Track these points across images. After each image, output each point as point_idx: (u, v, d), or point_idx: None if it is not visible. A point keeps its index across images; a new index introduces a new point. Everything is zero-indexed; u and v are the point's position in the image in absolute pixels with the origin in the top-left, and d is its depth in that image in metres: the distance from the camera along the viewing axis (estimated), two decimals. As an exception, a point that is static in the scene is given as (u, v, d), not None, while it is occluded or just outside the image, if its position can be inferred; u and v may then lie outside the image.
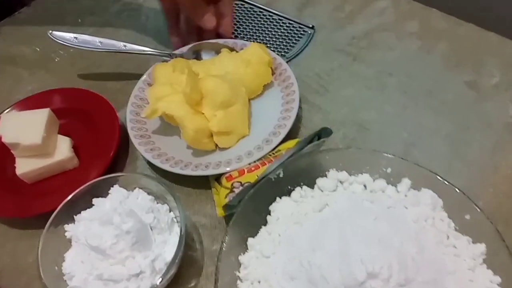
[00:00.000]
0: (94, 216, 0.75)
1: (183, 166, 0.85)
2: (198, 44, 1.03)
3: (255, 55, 0.92)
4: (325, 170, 0.77)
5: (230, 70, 0.91)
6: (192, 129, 0.83)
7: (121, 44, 1.01)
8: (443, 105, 0.95)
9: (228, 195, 0.75)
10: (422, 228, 0.69)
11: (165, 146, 0.89)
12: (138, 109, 0.95)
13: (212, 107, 0.87)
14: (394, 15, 1.13)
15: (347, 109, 0.97)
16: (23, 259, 0.83)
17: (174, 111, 0.84)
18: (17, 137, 0.88)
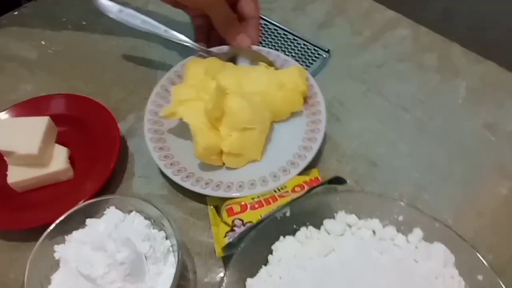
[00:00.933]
0: (86, 238, 0.71)
1: (194, 181, 0.82)
2: (238, 49, 0.98)
3: (291, 80, 0.88)
4: (333, 212, 0.73)
5: (261, 90, 0.87)
6: (202, 146, 0.81)
7: (163, 29, 0.97)
8: (458, 147, 0.91)
9: (228, 234, 0.72)
10: (433, 286, 0.65)
11: (177, 149, 0.87)
12: (161, 100, 0.93)
13: (230, 127, 0.84)
14: (413, 45, 1.09)
15: (358, 142, 0.93)
16: (4, 273, 0.80)
17: (191, 120, 0.81)
18: (13, 145, 0.84)
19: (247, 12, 0.95)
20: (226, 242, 0.71)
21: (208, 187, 0.82)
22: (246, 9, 0.94)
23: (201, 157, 0.83)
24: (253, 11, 0.95)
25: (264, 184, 0.82)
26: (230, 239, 0.71)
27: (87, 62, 1.11)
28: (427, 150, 0.91)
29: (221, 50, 0.97)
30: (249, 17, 0.95)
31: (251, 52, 0.99)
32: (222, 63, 0.93)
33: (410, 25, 1.13)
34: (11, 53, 1.15)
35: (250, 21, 0.96)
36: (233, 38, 0.95)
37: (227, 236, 0.72)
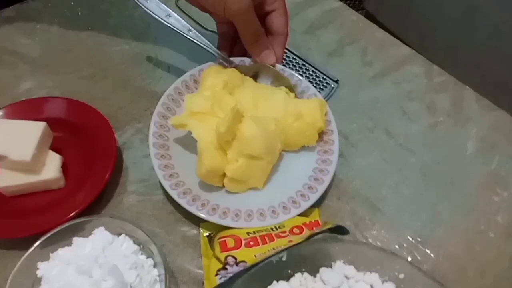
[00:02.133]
0: (72, 259, 0.69)
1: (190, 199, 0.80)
2: (261, 65, 0.95)
3: (310, 113, 0.85)
4: (331, 260, 0.71)
5: (277, 116, 0.85)
6: (206, 167, 0.78)
7: (187, 28, 0.93)
8: (463, 198, 0.89)
9: (219, 272, 0.70)
10: None
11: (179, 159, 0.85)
12: (172, 103, 0.90)
13: (238, 152, 0.80)
14: (425, 84, 1.06)
15: (360, 181, 0.90)
16: None
17: (200, 137, 0.79)
18: (6, 149, 0.82)
19: (276, 28, 0.91)
20: (217, 282, 0.68)
21: (203, 209, 0.79)
22: (276, 24, 0.91)
23: (203, 177, 0.81)
24: (282, 27, 0.91)
25: (262, 218, 0.79)
26: (222, 278, 0.69)
27: (90, 64, 1.09)
28: (431, 197, 0.89)
29: (243, 62, 0.93)
30: (277, 33, 0.91)
31: (274, 71, 0.95)
32: (242, 77, 0.90)
33: (424, 63, 1.10)
34: (14, 47, 1.12)
35: (277, 37, 0.91)
36: (258, 53, 0.91)
37: (218, 274, 0.70)
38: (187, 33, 0.93)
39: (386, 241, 0.82)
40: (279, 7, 0.89)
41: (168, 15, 0.93)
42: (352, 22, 1.18)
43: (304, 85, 0.96)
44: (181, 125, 0.82)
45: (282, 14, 0.90)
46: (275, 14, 0.89)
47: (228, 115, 0.79)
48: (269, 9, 0.89)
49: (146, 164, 0.91)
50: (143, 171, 0.90)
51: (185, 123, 0.82)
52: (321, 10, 1.21)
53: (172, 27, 0.92)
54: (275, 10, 0.89)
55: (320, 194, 0.82)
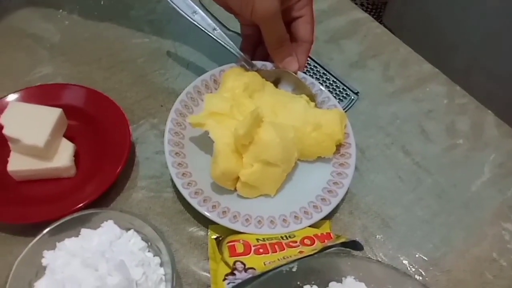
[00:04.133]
0: (78, 251, 0.68)
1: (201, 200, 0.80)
2: (283, 71, 0.93)
3: (329, 124, 0.84)
4: (341, 275, 0.69)
5: (296, 125, 0.83)
6: (221, 169, 0.77)
7: (213, 27, 0.93)
8: (477, 224, 0.87)
9: (227, 277, 0.69)
10: None
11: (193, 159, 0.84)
12: (190, 102, 0.89)
13: (254, 156, 0.80)
14: (446, 104, 1.05)
15: (373, 196, 0.89)
16: None
17: (217, 138, 0.77)
18: (20, 133, 0.81)
19: (301, 35, 0.89)
20: (225, 287, 0.67)
21: (214, 211, 0.78)
22: (302, 31, 0.89)
23: (216, 178, 0.80)
24: (308, 34, 0.89)
25: (272, 226, 0.79)
26: (230, 284, 0.68)
27: (109, 55, 1.08)
28: (444, 220, 0.88)
29: (264, 67, 0.92)
30: (302, 40, 0.90)
31: (295, 78, 0.94)
32: (263, 82, 0.89)
33: (446, 82, 1.09)
34: (34, 32, 1.11)
35: (302, 44, 0.90)
36: (281, 59, 0.90)
37: (226, 279, 0.69)
38: (212, 32, 0.92)
39: (395, 260, 0.81)
40: (306, 14, 0.88)
41: (194, 12, 0.92)
42: (376, 35, 1.18)
43: (325, 96, 0.95)
44: (198, 124, 0.81)
45: (308, 21, 0.89)
46: (302, 20, 0.88)
47: (248, 118, 0.78)
48: (296, 15, 0.88)
49: (158, 161, 0.91)
50: (155, 167, 0.90)
51: (203, 122, 0.81)
52: (346, 20, 1.20)
53: (197, 24, 0.92)
54: (302, 17, 0.88)
55: (333, 206, 0.81)
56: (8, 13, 1.14)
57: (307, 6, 0.87)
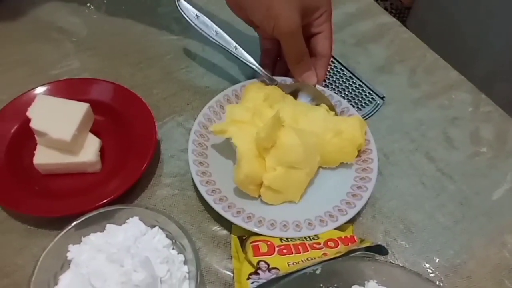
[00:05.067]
0: (103, 246, 0.69)
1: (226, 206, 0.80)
2: (302, 84, 0.96)
3: (350, 130, 0.85)
4: (364, 279, 0.70)
5: (316, 132, 0.85)
6: (245, 173, 0.78)
7: (233, 45, 0.95)
8: (498, 232, 0.88)
9: (251, 276, 0.70)
10: None
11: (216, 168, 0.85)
12: (212, 115, 0.91)
13: (276, 160, 0.81)
14: (471, 112, 1.05)
15: (397, 201, 0.90)
16: (12, 259, 0.78)
17: (239, 143, 0.78)
18: (47, 127, 0.82)
19: (320, 50, 0.92)
20: (249, 286, 0.68)
21: (239, 217, 0.79)
22: (320, 46, 0.92)
23: (240, 183, 0.81)
24: (326, 49, 0.92)
25: (297, 229, 0.79)
26: (254, 283, 0.68)
27: (136, 51, 1.09)
28: (466, 227, 0.88)
29: (284, 81, 0.94)
30: (320, 55, 0.92)
31: (314, 90, 0.95)
32: (283, 94, 0.91)
33: (472, 90, 1.09)
34: (62, 25, 1.13)
35: (320, 59, 0.93)
36: (300, 73, 0.92)
37: (250, 278, 0.70)
38: (233, 50, 0.95)
39: (416, 265, 0.82)
40: (325, 30, 0.91)
41: (216, 32, 0.96)
42: (404, 40, 1.18)
43: (344, 106, 0.96)
44: (221, 131, 0.83)
45: (327, 37, 0.91)
46: (321, 36, 0.91)
47: (269, 121, 0.79)
48: (315, 31, 0.91)
49: (183, 159, 0.91)
50: (179, 165, 0.91)
51: (225, 129, 0.82)
52: (373, 24, 1.20)
53: (219, 43, 0.95)
54: (321, 33, 0.91)
55: (358, 209, 0.82)
56: (35, 6, 1.16)
57: (326, 23, 0.90)
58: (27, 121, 0.84)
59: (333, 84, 1.07)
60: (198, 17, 0.96)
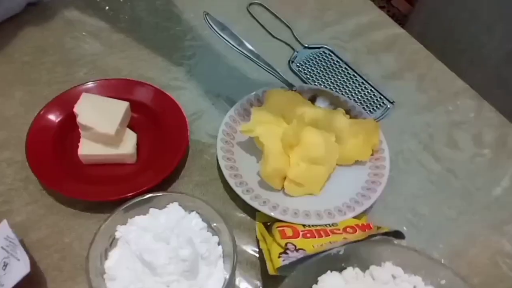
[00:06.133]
0: (149, 227, 0.76)
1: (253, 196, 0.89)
2: (320, 90, 1.05)
3: (365, 132, 0.94)
4: (381, 260, 0.78)
5: (334, 132, 0.94)
6: (271, 167, 0.86)
7: (256, 54, 1.02)
8: (498, 223, 0.97)
9: (281, 255, 0.77)
10: None
11: (242, 164, 0.93)
12: (237, 117, 0.99)
13: (300, 156, 0.90)
14: (475, 118, 1.13)
15: (405, 196, 0.98)
16: (60, 237, 0.86)
17: (266, 141, 0.87)
18: (93, 122, 0.90)
19: None
20: (281, 263, 0.75)
21: (265, 206, 0.87)
22: None
23: (266, 176, 0.89)
24: None
25: (319, 217, 0.87)
26: (285, 261, 0.76)
27: (165, 54, 1.18)
28: (469, 219, 0.97)
29: (302, 88, 1.03)
30: None
31: (331, 96, 1.04)
32: (302, 100, 0.99)
33: (475, 97, 1.17)
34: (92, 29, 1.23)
35: None
36: None
37: (281, 257, 0.77)
38: (256, 59, 1.02)
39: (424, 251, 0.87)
40: None
41: (241, 42, 1.03)
42: (413, 50, 1.26)
43: (358, 110, 1.05)
44: (249, 131, 0.92)
45: None
46: None
47: (294, 121, 0.90)
48: None
49: (210, 153, 1.00)
50: (207, 159, 0.99)
51: (252, 129, 0.91)
52: (385, 34, 1.28)
53: (244, 53, 1.02)
54: None
55: (373, 201, 0.90)
56: (65, 7, 1.26)
57: None
58: (69, 115, 0.94)
59: (346, 89, 1.15)
60: (224, 29, 1.04)
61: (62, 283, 0.79)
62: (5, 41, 1.13)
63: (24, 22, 1.18)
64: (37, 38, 1.16)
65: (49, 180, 0.88)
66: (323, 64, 1.20)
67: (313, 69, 1.19)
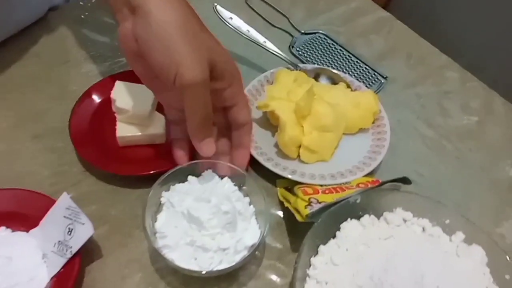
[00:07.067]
0: (189, 191, 0.88)
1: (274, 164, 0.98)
2: (322, 68, 1.15)
3: (366, 101, 1.02)
4: (392, 207, 0.89)
5: (339, 103, 1.01)
6: (288, 135, 0.94)
7: (263, 40, 1.15)
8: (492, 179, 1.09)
9: (307, 207, 0.88)
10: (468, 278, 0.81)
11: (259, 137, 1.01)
12: (251, 97, 1.06)
13: (312, 125, 1.00)
14: (460, 87, 1.26)
15: (405, 159, 1.07)
16: (107, 209, 0.95)
17: (282, 114, 0.94)
18: (128, 105, 0.99)
19: (242, 120, 0.89)
20: (308, 211, 0.86)
21: (285, 171, 0.99)
22: (242, 116, 0.89)
23: (284, 145, 0.98)
24: (247, 117, 0.90)
25: (333, 178, 0.98)
26: (312, 209, 0.86)
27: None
28: (463, 176, 1.09)
29: (305, 67, 1.13)
30: (242, 124, 0.90)
31: (332, 73, 1.18)
32: (307, 77, 1.08)
33: (459, 70, 1.30)
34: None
35: (244, 127, 0.91)
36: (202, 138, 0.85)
37: (307, 208, 0.88)
38: (263, 44, 1.15)
39: None
40: (240, 101, 0.88)
41: (248, 30, 1.16)
42: (399, 30, 1.37)
43: (357, 84, 1.17)
44: (265, 106, 1.01)
45: (245, 106, 0.88)
46: (238, 107, 0.88)
47: (305, 93, 0.99)
48: (229, 104, 0.87)
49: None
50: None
51: (268, 104, 1.01)
52: (372, 18, 1.40)
53: (252, 40, 1.14)
54: (237, 105, 0.87)
55: (379, 161, 1.01)
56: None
57: (239, 94, 0.87)
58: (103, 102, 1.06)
59: (343, 68, 1.27)
60: (232, 19, 1.16)
61: (115, 248, 0.87)
62: (32, 42, 1.24)
63: (45, 26, 1.29)
64: (61, 39, 1.28)
65: (94, 160, 0.98)
66: (320, 47, 1.32)
67: (311, 52, 1.30)
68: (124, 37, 0.76)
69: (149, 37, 0.71)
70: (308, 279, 0.81)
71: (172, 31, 0.69)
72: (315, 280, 0.80)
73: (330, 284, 0.79)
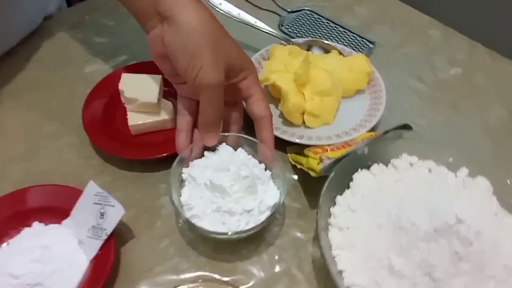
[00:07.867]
0: (208, 164, 0.92)
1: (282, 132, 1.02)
2: (313, 40, 1.21)
3: (359, 64, 1.08)
4: (398, 154, 0.94)
5: (335, 69, 1.06)
6: (292, 103, 0.98)
7: (254, 20, 1.17)
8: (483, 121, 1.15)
9: (319, 163, 0.92)
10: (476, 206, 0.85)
11: None
12: None
13: (312, 91, 1.03)
14: (444, 43, 1.33)
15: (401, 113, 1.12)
16: (130, 194, 0.99)
17: (283, 84, 0.99)
18: (136, 94, 1.03)
19: (257, 113, 0.91)
20: (322, 166, 0.91)
21: (293, 137, 1.04)
22: (257, 109, 0.91)
23: (288, 112, 1.01)
24: (264, 110, 0.91)
25: (339, 137, 1.00)
26: (324, 165, 0.91)
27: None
28: (458, 121, 1.12)
29: (297, 41, 1.18)
30: (260, 117, 0.91)
31: (323, 43, 1.21)
32: (301, 50, 1.12)
33: (441, 27, 1.37)
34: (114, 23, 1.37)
35: (262, 120, 0.91)
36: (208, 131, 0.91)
37: (319, 164, 0.92)
38: (255, 24, 1.20)
39: None
40: (256, 92, 0.90)
41: (238, 13, 1.20)
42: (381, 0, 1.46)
43: (348, 51, 1.22)
44: (266, 79, 1.01)
45: (260, 99, 0.90)
46: (253, 100, 0.90)
47: (302, 62, 1.05)
48: (245, 95, 0.91)
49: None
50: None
51: (268, 77, 1.01)
52: (354, -10, 1.43)
53: (243, 22, 1.16)
54: (252, 96, 0.90)
55: (379, 117, 1.03)
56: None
57: (255, 86, 0.90)
58: (112, 96, 1.09)
59: (333, 39, 1.32)
60: (221, 4, 1.21)
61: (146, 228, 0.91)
62: (33, 50, 1.29)
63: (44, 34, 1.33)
64: (60, 44, 1.32)
65: (113, 150, 0.98)
66: (308, 22, 1.37)
67: (301, 28, 1.36)
68: (154, 42, 0.87)
69: (178, 44, 0.81)
70: (330, 227, 0.86)
71: (199, 40, 0.79)
72: (337, 227, 0.86)
73: (351, 228, 0.85)
